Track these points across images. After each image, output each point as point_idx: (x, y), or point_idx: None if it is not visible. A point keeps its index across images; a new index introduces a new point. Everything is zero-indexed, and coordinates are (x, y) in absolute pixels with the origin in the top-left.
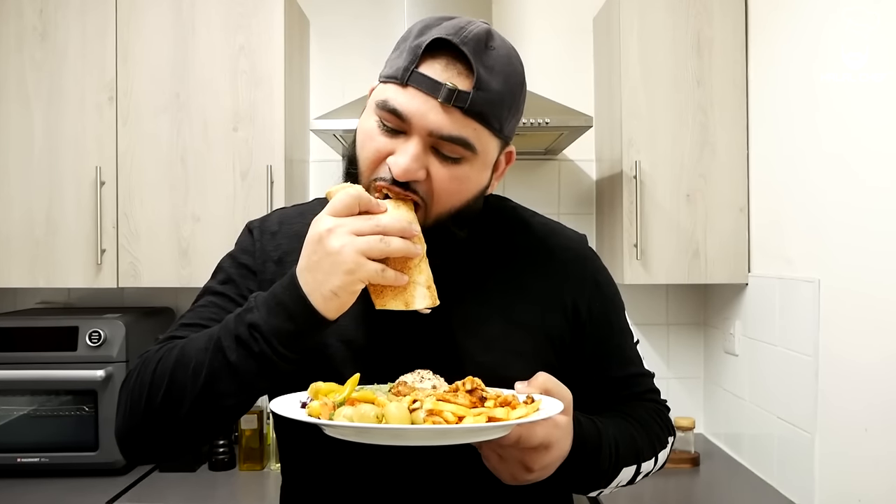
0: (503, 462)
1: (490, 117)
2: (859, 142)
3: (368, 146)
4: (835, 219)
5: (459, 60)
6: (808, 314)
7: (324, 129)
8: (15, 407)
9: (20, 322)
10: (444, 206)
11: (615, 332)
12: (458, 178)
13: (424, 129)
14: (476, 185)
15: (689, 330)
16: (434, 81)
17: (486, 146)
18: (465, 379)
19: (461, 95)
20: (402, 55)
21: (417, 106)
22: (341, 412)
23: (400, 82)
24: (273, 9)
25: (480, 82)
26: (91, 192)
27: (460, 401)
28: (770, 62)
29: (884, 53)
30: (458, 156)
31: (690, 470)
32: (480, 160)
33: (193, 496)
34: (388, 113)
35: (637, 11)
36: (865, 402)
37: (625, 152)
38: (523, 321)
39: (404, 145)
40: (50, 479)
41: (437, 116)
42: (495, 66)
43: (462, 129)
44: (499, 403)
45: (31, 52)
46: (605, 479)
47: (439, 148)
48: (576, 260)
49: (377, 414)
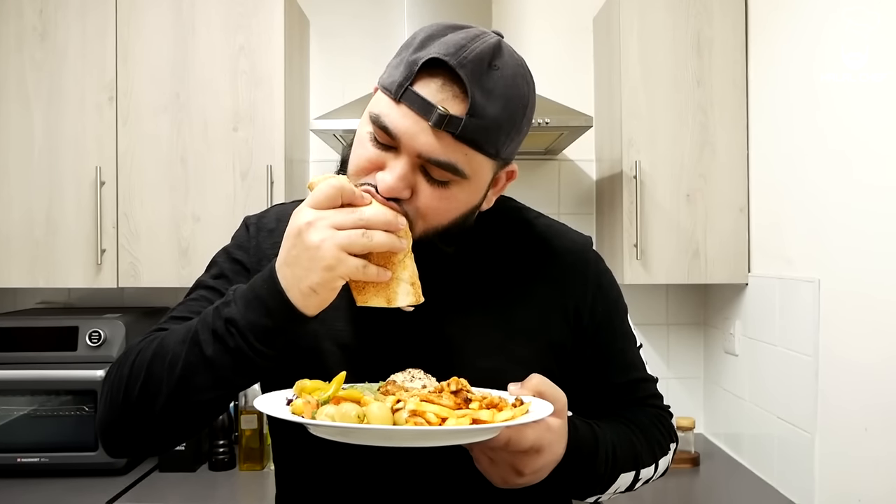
0: (494, 465)
1: (484, 144)
2: (859, 142)
3: (360, 153)
4: (835, 219)
5: (456, 82)
6: (808, 314)
7: (324, 129)
8: (15, 407)
9: (20, 322)
10: (431, 224)
11: (617, 337)
12: (446, 199)
13: (413, 150)
14: (465, 205)
15: (689, 330)
16: (426, 103)
17: (479, 169)
18: (449, 380)
19: (453, 121)
20: (400, 66)
21: (408, 126)
22: (323, 411)
23: (394, 97)
24: (273, 9)
25: (475, 108)
26: (91, 192)
27: (444, 402)
28: (770, 62)
29: (884, 53)
30: (447, 179)
31: (690, 470)
32: (471, 183)
33: (193, 496)
34: (378, 129)
35: (637, 11)
36: (865, 403)
37: (625, 152)
38: (524, 327)
39: (393, 162)
40: (50, 479)
41: (427, 139)
42: (495, 89)
43: (451, 155)
44: (485, 405)
45: (31, 52)
46: (602, 484)
47: (428, 170)
48: (578, 263)
49: (358, 413)
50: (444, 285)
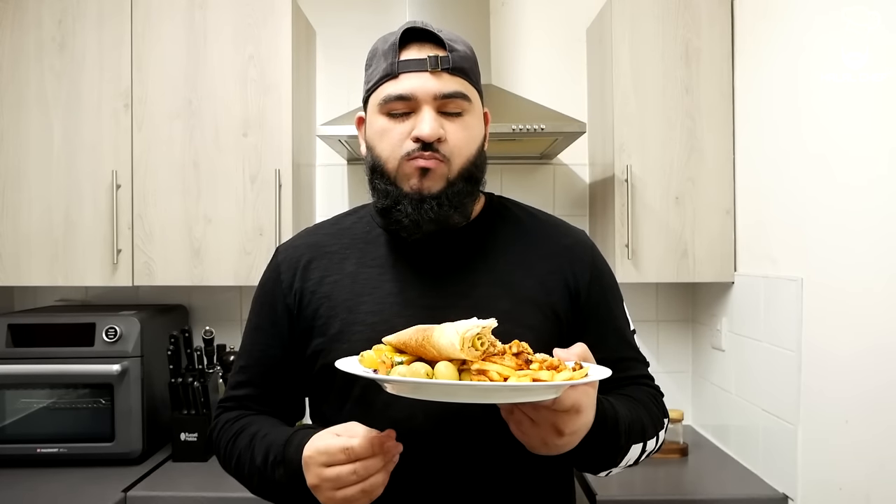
0: (535, 427)
1: (469, 72)
2: (839, 145)
3: (387, 137)
4: (817, 219)
5: (426, 42)
6: (791, 311)
7: (329, 134)
8: (35, 400)
9: (40, 319)
10: (463, 157)
11: (615, 316)
12: (466, 128)
13: (429, 96)
14: (478, 133)
15: (678, 326)
16: (419, 60)
17: (474, 96)
18: (511, 343)
19: (444, 59)
20: (379, 63)
21: (416, 82)
22: (397, 370)
23: (392, 76)
24: (281, 20)
25: (450, 47)
26: (107, 194)
27: (507, 362)
28: (755, 70)
29: (873, 59)
30: (460, 109)
31: (679, 460)
32: (475, 110)
33: (206, 485)
34: (394, 101)
35: (628, 23)
36: (846, 395)
37: (616, 157)
38: (530, 296)
39: (419, 116)
40: (68, 468)
41: (434, 82)
42: (452, 37)
43: (455, 85)
44: (544, 367)
45: (51, 62)
46: (620, 454)
47: (444, 108)
48: (577, 246)
49: (427, 372)
50: (457, 259)
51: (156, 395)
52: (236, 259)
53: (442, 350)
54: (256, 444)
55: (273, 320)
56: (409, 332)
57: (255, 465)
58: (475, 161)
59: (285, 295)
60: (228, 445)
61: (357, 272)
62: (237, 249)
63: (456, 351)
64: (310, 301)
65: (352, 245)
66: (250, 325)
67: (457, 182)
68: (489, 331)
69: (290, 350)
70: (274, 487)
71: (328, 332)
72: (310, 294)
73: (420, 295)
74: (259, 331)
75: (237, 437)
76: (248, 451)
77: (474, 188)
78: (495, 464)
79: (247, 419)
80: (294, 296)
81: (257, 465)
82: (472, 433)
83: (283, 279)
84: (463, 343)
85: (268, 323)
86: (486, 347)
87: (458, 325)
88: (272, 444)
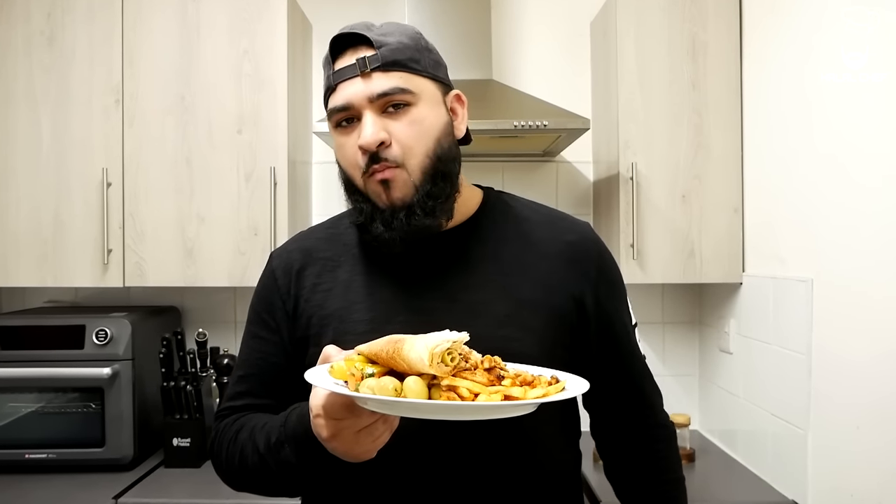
0: None
1: (406, 61)
2: (851, 143)
3: (342, 152)
4: (828, 219)
5: (360, 45)
6: (801, 313)
7: (326, 131)
8: (23, 404)
9: (28, 321)
10: (419, 154)
11: (623, 313)
12: (414, 122)
13: (363, 100)
14: (436, 121)
15: (685, 328)
16: (348, 66)
17: (422, 86)
18: (483, 357)
19: (372, 58)
20: (324, 79)
21: (349, 90)
22: (366, 384)
23: (332, 89)
24: (276, 14)
25: (379, 43)
26: (98, 193)
27: (478, 378)
28: (763, 65)
29: (876, 56)
30: (403, 102)
31: (686, 465)
32: (424, 100)
33: (199, 491)
34: (337, 114)
35: (633, 16)
36: (857, 400)
37: (621, 154)
38: (530, 299)
39: (360, 124)
40: (57, 474)
41: (367, 85)
42: (385, 28)
43: (391, 81)
44: (518, 383)
45: (39, 56)
46: None
47: (386, 107)
48: (579, 242)
49: (395, 387)
50: (451, 261)
51: (147, 399)
52: (230, 259)
53: (411, 364)
54: (257, 434)
55: (273, 327)
56: (381, 342)
57: (258, 454)
58: (436, 153)
59: (284, 301)
60: (230, 445)
61: (350, 280)
62: (231, 249)
63: (425, 366)
64: (304, 309)
65: (346, 252)
66: (248, 333)
67: (424, 185)
68: (460, 345)
69: (291, 357)
70: (282, 470)
71: (321, 342)
72: (304, 302)
73: (413, 300)
74: (258, 339)
75: (238, 433)
76: (249, 443)
77: (447, 184)
78: (500, 466)
79: (245, 417)
80: (291, 301)
81: (261, 453)
82: (475, 435)
83: (280, 285)
84: (432, 358)
85: (267, 330)
86: (456, 362)
87: (428, 338)
88: (272, 429)
